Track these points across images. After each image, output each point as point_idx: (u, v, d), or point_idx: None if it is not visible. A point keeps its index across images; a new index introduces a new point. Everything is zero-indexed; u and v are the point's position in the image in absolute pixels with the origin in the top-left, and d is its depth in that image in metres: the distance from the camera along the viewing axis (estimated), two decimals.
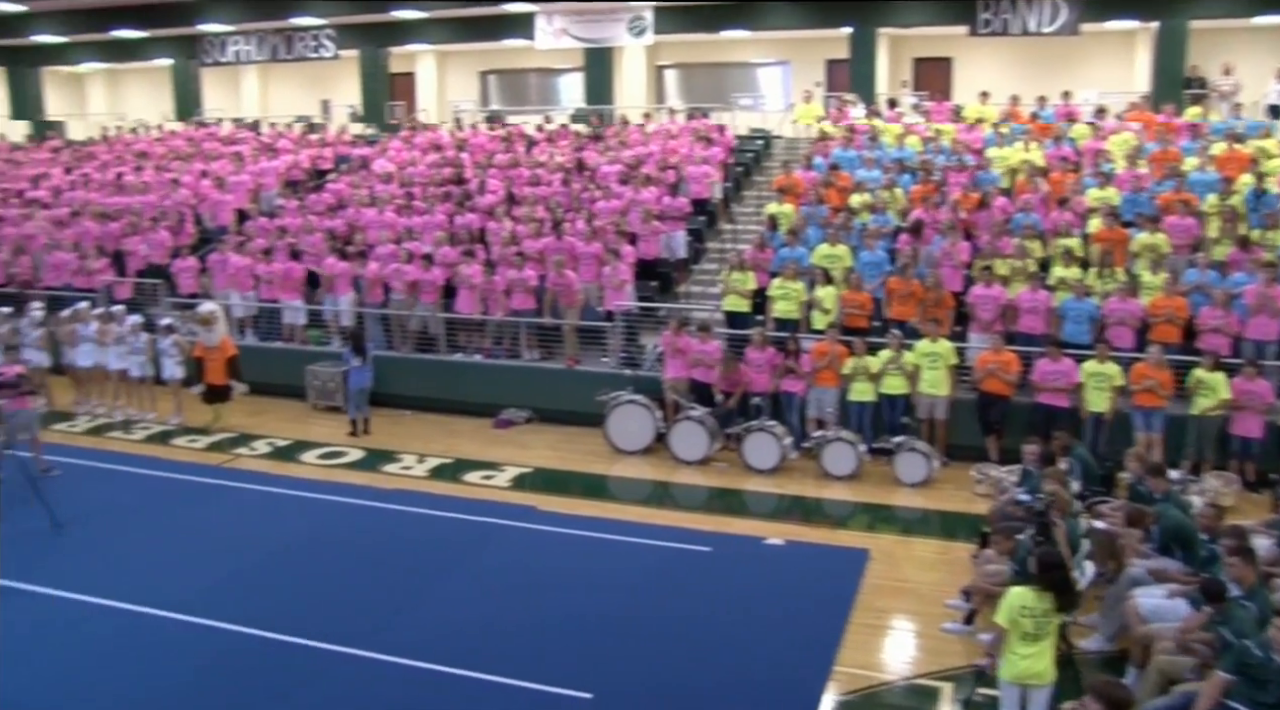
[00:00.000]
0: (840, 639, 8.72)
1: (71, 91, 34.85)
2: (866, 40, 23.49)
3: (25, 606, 9.43)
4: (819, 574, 10.19)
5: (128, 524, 11.50)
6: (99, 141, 26.91)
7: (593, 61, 25.81)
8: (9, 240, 20.22)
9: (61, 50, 30.81)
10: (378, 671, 8.24)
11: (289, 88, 31.97)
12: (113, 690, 7.98)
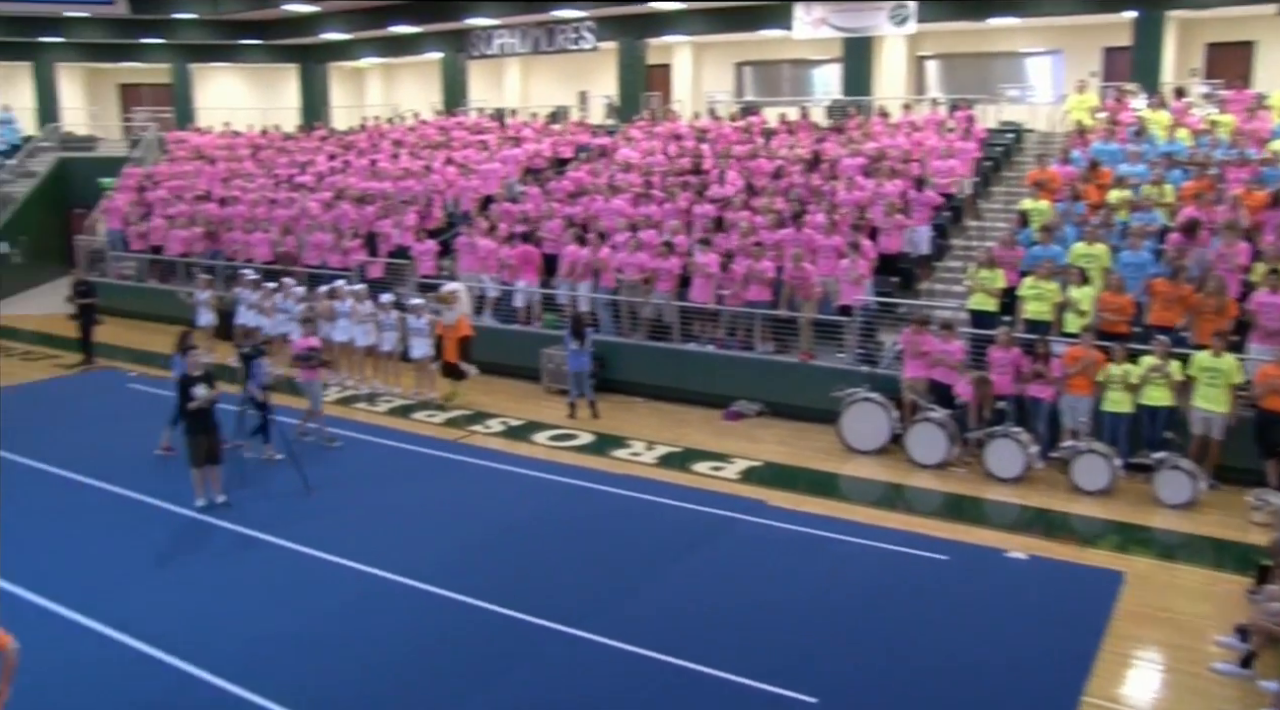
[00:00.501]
0: (1090, 666, 7.96)
1: (352, 85, 37.36)
2: (1153, 25, 21.67)
3: (276, 559, 10.06)
4: (1066, 594, 9.38)
5: (368, 491, 12.08)
6: (359, 131, 28.66)
7: (851, 52, 25.15)
8: (278, 221, 21.88)
9: (345, 47, 33.14)
10: (596, 653, 8.21)
11: (548, 80, 32.99)
12: (344, 645, 8.34)
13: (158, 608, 9.02)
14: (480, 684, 7.77)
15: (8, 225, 27.41)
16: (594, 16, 27.05)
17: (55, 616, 8.85)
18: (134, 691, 7.66)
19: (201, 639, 8.39)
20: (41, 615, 8.86)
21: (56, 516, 11.26)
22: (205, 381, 11.06)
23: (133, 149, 30.84)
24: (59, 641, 8.42)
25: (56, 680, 7.78)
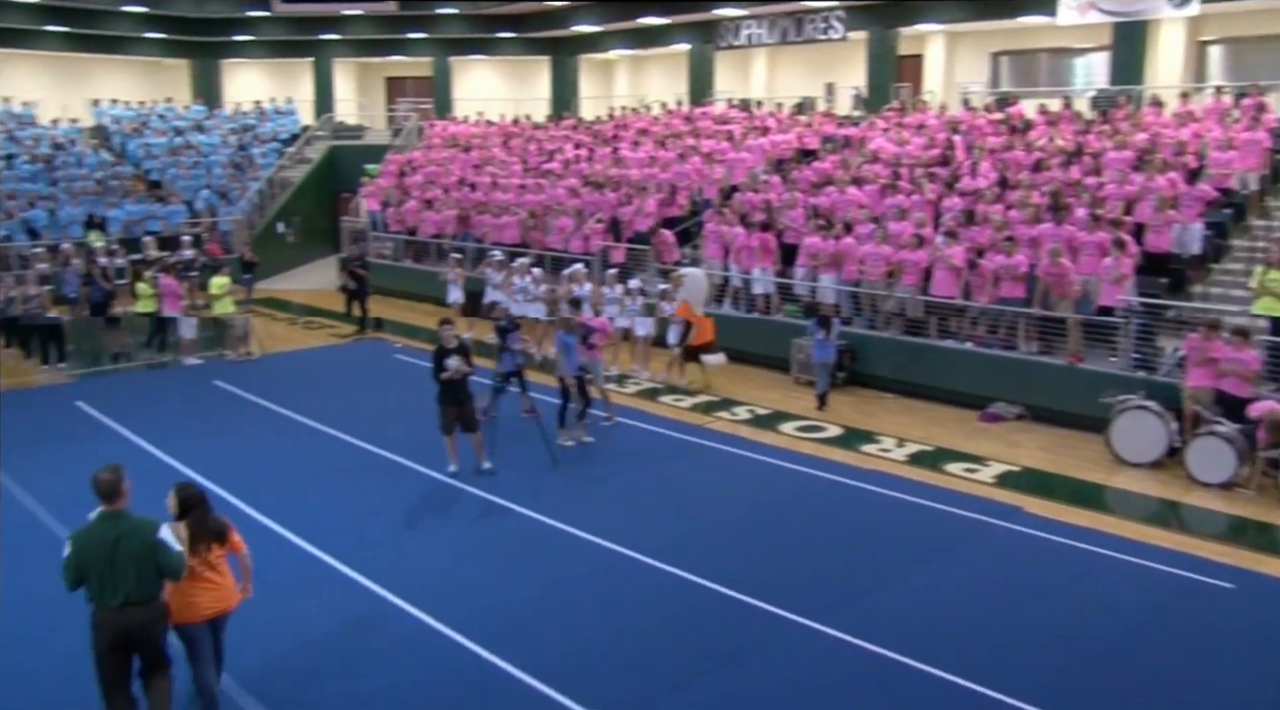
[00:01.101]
0: None
1: (601, 77, 38.09)
2: None
3: (520, 527, 10.23)
4: None
5: (612, 469, 12.15)
6: (606, 121, 29.10)
7: (1122, 38, 23.43)
8: (527, 206, 22.50)
9: (595, 39, 33.83)
10: (832, 648, 7.88)
11: (795, 71, 32.53)
12: (582, 615, 8.34)
13: (406, 563, 9.35)
14: (713, 666, 7.59)
15: (284, 208, 29.49)
16: (844, 6, 26.46)
17: (316, 560, 9.34)
18: (379, 638, 7.91)
19: (444, 596, 8.61)
20: (304, 557, 9.38)
21: (324, 471, 11.93)
22: (460, 353, 11.36)
23: (395, 137, 32.61)
24: (317, 584, 8.88)
25: (312, 616, 8.18)
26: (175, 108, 34.35)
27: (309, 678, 7.40)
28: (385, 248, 26.00)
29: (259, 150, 31.30)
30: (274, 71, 38.33)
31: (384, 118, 37.31)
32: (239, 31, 35.27)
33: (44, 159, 28.12)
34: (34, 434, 13.37)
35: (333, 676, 7.43)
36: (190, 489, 6.78)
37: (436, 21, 34.14)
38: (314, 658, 7.68)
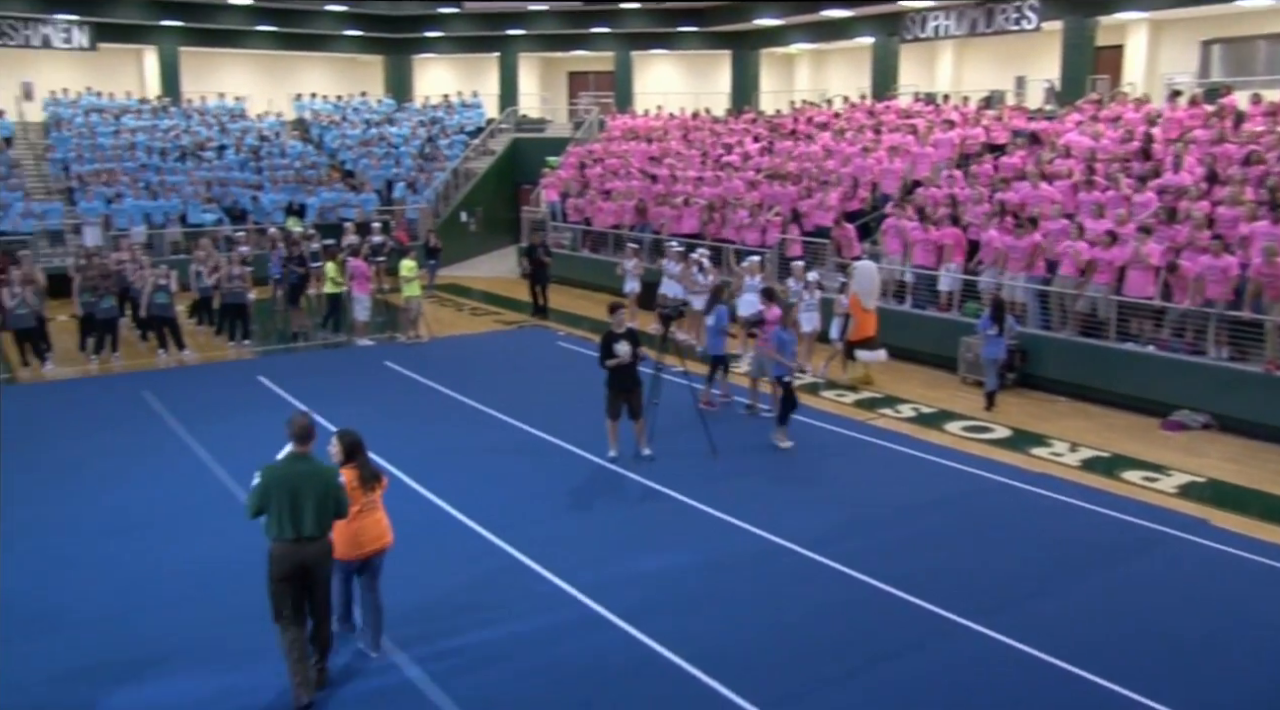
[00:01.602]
0: None
1: (782, 72, 37.78)
2: None
3: (675, 512, 10.26)
4: None
5: (771, 460, 12.03)
6: (785, 114, 28.77)
7: None
8: (705, 198, 22.50)
9: (777, 33, 33.56)
10: (993, 650, 7.55)
11: (983, 63, 31.44)
12: (734, 602, 8.24)
13: (561, 541, 9.47)
14: (867, 661, 7.37)
15: (467, 197, 30.47)
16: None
17: (475, 534, 9.59)
18: (537, 612, 8.02)
19: (597, 575, 8.70)
20: (463, 530, 9.65)
21: (486, 451, 12.25)
22: (629, 340, 11.44)
23: (576, 130, 33.21)
24: (475, 557, 9.10)
25: (472, 591, 8.38)
26: (369, 101, 36.01)
27: (470, 647, 7.59)
28: (563, 238, 26.52)
29: (446, 142, 32.47)
30: (461, 67, 39.69)
31: (565, 111, 38.06)
32: (430, 28, 36.66)
33: (251, 150, 29.94)
34: (221, 405, 14.29)
35: (492, 647, 7.59)
36: (353, 435, 7.26)
37: (620, 16, 34.58)
38: (475, 631, 7.87)
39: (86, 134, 28.95)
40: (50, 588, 8.56)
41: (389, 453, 11.33)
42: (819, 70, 37.43)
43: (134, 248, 19.70)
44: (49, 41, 31.08)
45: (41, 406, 14.47)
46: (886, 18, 29.33)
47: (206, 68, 35.91)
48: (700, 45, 35.84)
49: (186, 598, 8.35)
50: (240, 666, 7.26)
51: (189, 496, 10.70)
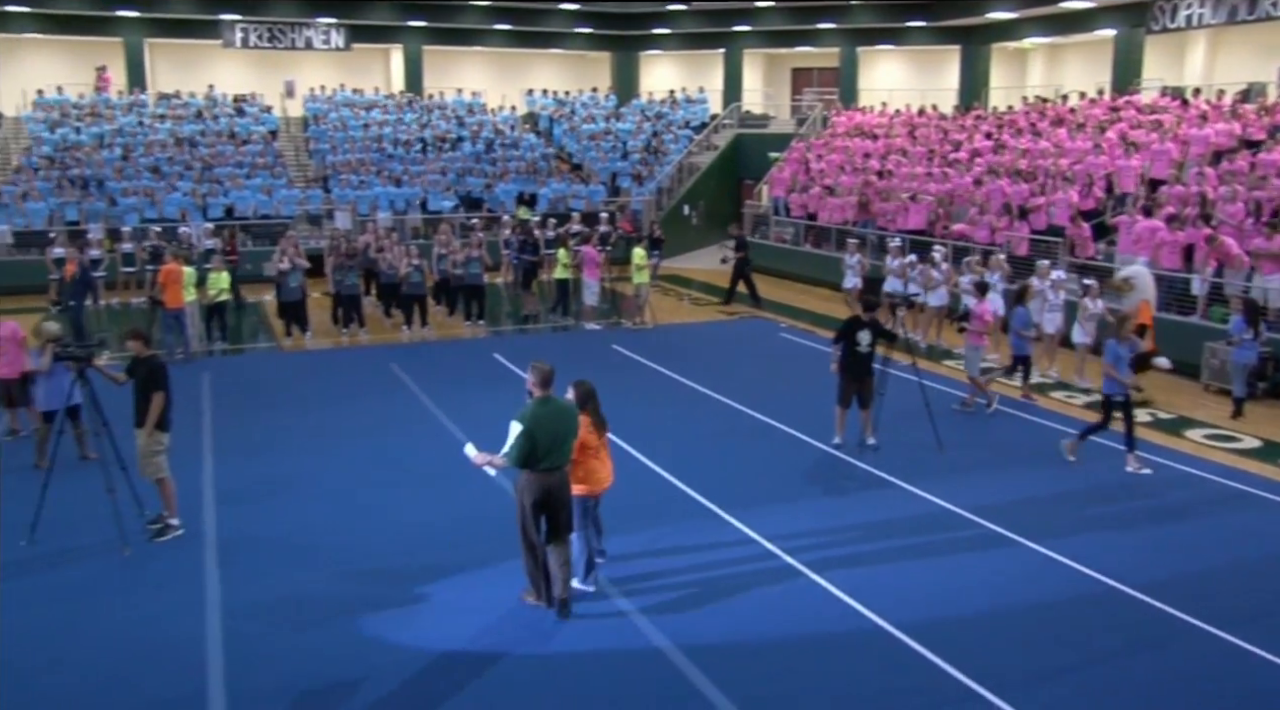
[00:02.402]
0: None
1: (1013, 66, 36.52)
2: None
3: (901, 501, 10.26)
4: None
5: (998, 454, 11.86)
6: (1017, 111, 27.80)
7: None
8: (932, 195, 22.12)
9: (1010, 26, 32.45)
10: (1239, 658, 7.22)
11: (1241, 54, 29.37)
12: (962, 588, 8.19)
13: (789, 522, 9.61)
14: (1100, 658, 7.18)
15: (689, 191, 30.98)
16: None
17: (704, 509, 9.88)
18: (768, 589, 8.23)
19: (824, 553, 8.82)
20: (693, 505, 9.96)
21: (712, 433, 12.56)
22: (871, 329, 11.51)
23: (799, 127, 33.19)
24: (705, 530, 9.39)
25: (703, 561, 8.67)
26: (596, 97, 37.06)
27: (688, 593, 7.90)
28: (786, 232, 26.61)
29: (670, 136, 33.09)
30: (686, 63, 40.29)
31: (788, 108, 38.05)
32: (658, 25, 37.40)
33: (487, 142, 31.45)
34: (461, 377, 15.26)
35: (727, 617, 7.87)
36: (587, 385, 8.06)
37: (847, 12, 34.28)
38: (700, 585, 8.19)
39: (340, 128, 31.14)
40: (340, 518, 9.59)
41: (616, 428, 11.76)
42: (1054, 65, 35.96)
43: (379, 231, 21.12)
44: (311, 43, 33.69)
45: (305, 373, 15.83)
46: (1131, 8, 27.90)
47: (446, 65, 37.86)
48: (928, 40, 35.09)
49: (452, 530, 9.24)
50: (500, 580, 8.07)
51: (434, 453, 11.56)
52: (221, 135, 29.62)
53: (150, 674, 6.88)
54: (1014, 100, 30.50)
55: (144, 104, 31.35)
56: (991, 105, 31.16)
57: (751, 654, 7.26)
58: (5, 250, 23.53)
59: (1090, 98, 27.30)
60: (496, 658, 7.17)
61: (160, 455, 8.97)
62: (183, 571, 8.51)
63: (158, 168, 26.85)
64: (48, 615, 7.73)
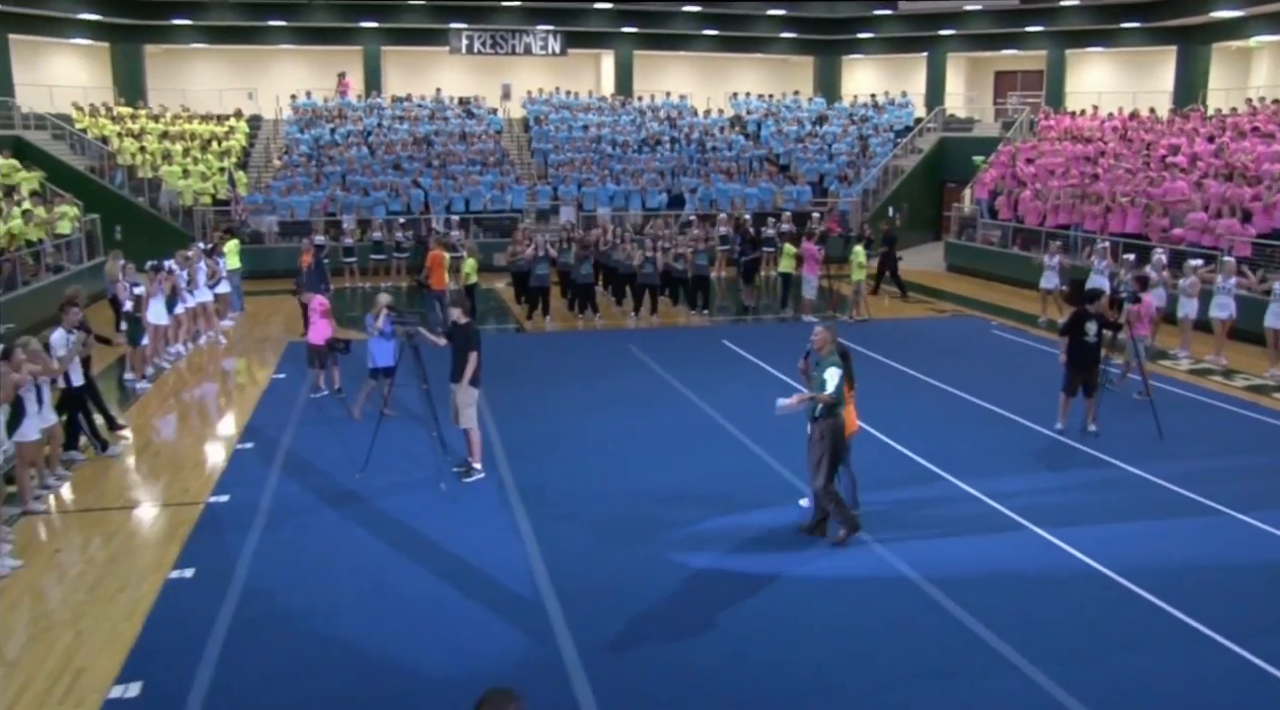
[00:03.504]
0: None
1: (1236, 67, 35.36)
2: None
3: (1125, 480, 10.92)
4: None
5: (1215, 445, 12.31)
6: (1241, 113, 27.17)
7: None
8: (1145, 198, 22.20)
9: (1235, 25, 31.56)
10: None
11: None
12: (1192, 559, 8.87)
13: (1014, 486, 10.46)
14: None
15: (894, 193, 31.54)
16: None
17: (940, 478, 10.81)
18: (998, 537, 9.13)
19: (1052, 516, 9.59)
20: (928, 475, 10.91)
21: (943, 416, 13.47)
22: (1097, 321, 12.18)
23: (1004, 130, 33.22)
24: (947, 493, 10.34)
25: (941, 515, 9.63)
26: (799, 100, 37.94)
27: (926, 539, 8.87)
28: (993, 235, 26.94)
29: (876, 139, 33.69)
30: (887, 67, 40.72)
31: (991, 111, 37.99)
32: (862, 29, 38.00)
33: (698, 143, 32.84)
34: (696, 359, 16.61)
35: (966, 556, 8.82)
36: (843, 346, 9.24)
37: (1057, 14, 34.07)
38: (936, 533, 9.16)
39: (561, 128, 33.10)
40: (614, 468, 11.00)
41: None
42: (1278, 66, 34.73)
43: (607, 225, 22.64)
44: (530, 49, 35.89)
45: (552, 351, 17.53)
46: None
47: (653, 69, 39.50)
48: (1141, 41, 34.44)
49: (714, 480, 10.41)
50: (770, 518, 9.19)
51: (685, 419, 12.98)
52: (453, 135, 32.01)
53: (491, 584, 8.32)
54: (1236, 102, 29.75)
55: (381, 107, 34.12)
56: (1214, 107, 30.46)
57: (988, 582, 8.34)
58: (273, 238, 26.28)
59: None
60: (773, 578, 8.41)
61: (473, 407, 10.54)
62: (492, 506, 10.05)
63: (399, 164, 29.34)
64: (379, 534, 9.35)
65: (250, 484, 10.70)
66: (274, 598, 8.08)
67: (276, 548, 9.05)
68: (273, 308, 21.36)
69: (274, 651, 7.26)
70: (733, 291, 22.74)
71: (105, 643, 7.37)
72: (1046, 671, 6.99)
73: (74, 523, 9.93)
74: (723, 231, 24.03)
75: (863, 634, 7.58)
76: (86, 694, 6.70)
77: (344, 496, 10.33)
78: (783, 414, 8.92)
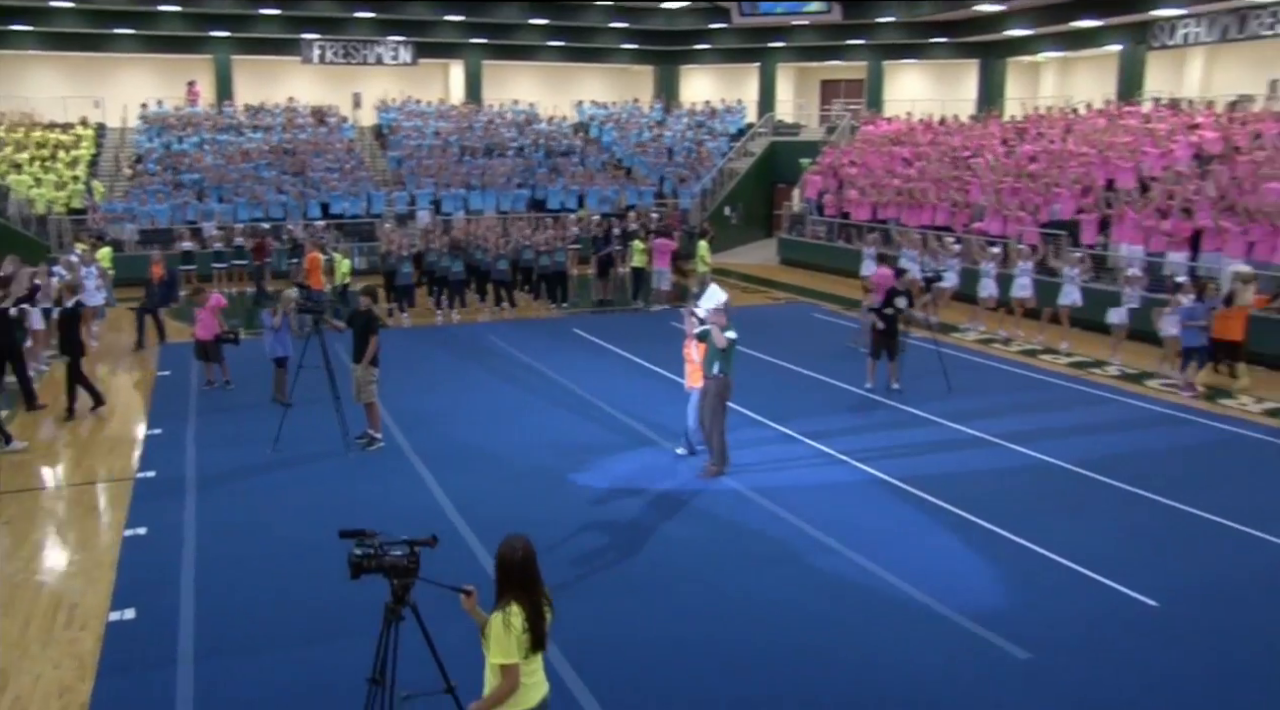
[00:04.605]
0: None
1: (1027, 79, 39.35)
2: None
3: (921, 424, 13.28)
4: None
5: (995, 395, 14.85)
6: (1029, 119, 30.70)
7: None
8: (949, 195, 25.18)
9: (1025, 42, 35.35)
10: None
11: (1236, 68, 32.10)
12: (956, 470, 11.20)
13: (838, 432, 12.66)
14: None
15: (729, 194, 34.03)
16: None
17: (789, 437, 12.94)
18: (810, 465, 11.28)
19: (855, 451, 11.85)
20: (763, 425, 13.01)
21: (774, 385, 15.62)
22: (906, 297, 14.64)
23: (829, 134, 36.17)
24: (767, 435, 12.45)
25: (767, 455, 11.72)
26: (640, 107, 40.14)
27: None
28: (819, 230, 29.63)
29: (712, 143, 36.15)
30: (722, 76, 43.34)
31: (818, 117, 41.04)
32: (699, 41, 40.48)
33: (546, 149, 34.61)
34: (553, 347, 18.44)
35: (785, 476, 10.90)
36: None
37: (875, 29, 37.20)
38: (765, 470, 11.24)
39: (414, 135, 34.37)
40: (500, 432, 12.66)
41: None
42: (1065, 77, 38.80)
43: (469, 226, 24.20)
44: (381, 59, 36.96)
45: (422, 342, 19.00)
46: (1135, 26, 30.71)
47: (502, 78, 41.03)
48: (949, 55, 37.96)
49: (585, 433, 12.21)
50: (640, 455, 10.99)
51: (551, 392, 14.77)
52: (309, 143, 32.88)
53: (411, 523, 9.81)
54: (1028, 110, 33.38)
55: (232, 115, 34.65)
56: (1008, 114, 34.06)
57: (802, 493, 10.59)
58: (133, 246, 26.77)
59: (1097, 108, 30.13)
60: (649, 501, 10.38)
61: (373, 384, 12.07)
62: (398, 467, 11.64)
63: (257, 172, 30.12)
64: (303, 495, 10.84)
65: (171, 462, 11.95)
66: (226, 545, 9.49)
67: (215, 509, 10.42)
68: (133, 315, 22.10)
69: (240, 584, 8.70)
70: (584, 286, 24.61)
71: (88, 584, 8.69)
72: (860, 553, 9.20)
73: (9, 502, 10.92)
74: (575, 231, 25.89)
75: (719, 538, 9.62)
76: (88, 620, 8.04)
77: (263, 467, 11.72)
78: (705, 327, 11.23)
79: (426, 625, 5.32)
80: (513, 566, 4.80)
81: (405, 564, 5.10)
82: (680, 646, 7.59)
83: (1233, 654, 7.53)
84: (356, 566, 5.05)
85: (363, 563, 5.04)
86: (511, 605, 4.75)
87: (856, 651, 7.54)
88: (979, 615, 8.03)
